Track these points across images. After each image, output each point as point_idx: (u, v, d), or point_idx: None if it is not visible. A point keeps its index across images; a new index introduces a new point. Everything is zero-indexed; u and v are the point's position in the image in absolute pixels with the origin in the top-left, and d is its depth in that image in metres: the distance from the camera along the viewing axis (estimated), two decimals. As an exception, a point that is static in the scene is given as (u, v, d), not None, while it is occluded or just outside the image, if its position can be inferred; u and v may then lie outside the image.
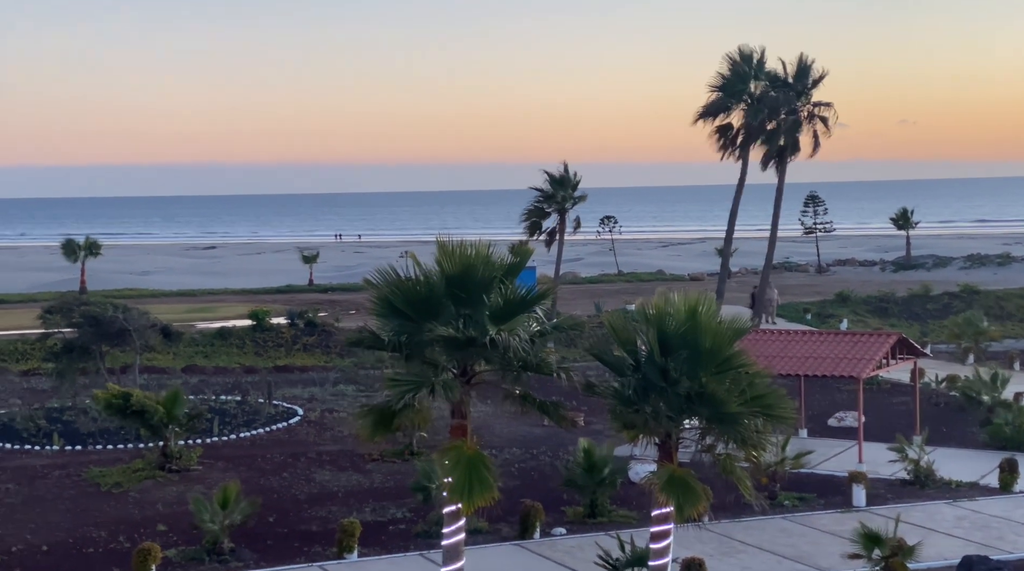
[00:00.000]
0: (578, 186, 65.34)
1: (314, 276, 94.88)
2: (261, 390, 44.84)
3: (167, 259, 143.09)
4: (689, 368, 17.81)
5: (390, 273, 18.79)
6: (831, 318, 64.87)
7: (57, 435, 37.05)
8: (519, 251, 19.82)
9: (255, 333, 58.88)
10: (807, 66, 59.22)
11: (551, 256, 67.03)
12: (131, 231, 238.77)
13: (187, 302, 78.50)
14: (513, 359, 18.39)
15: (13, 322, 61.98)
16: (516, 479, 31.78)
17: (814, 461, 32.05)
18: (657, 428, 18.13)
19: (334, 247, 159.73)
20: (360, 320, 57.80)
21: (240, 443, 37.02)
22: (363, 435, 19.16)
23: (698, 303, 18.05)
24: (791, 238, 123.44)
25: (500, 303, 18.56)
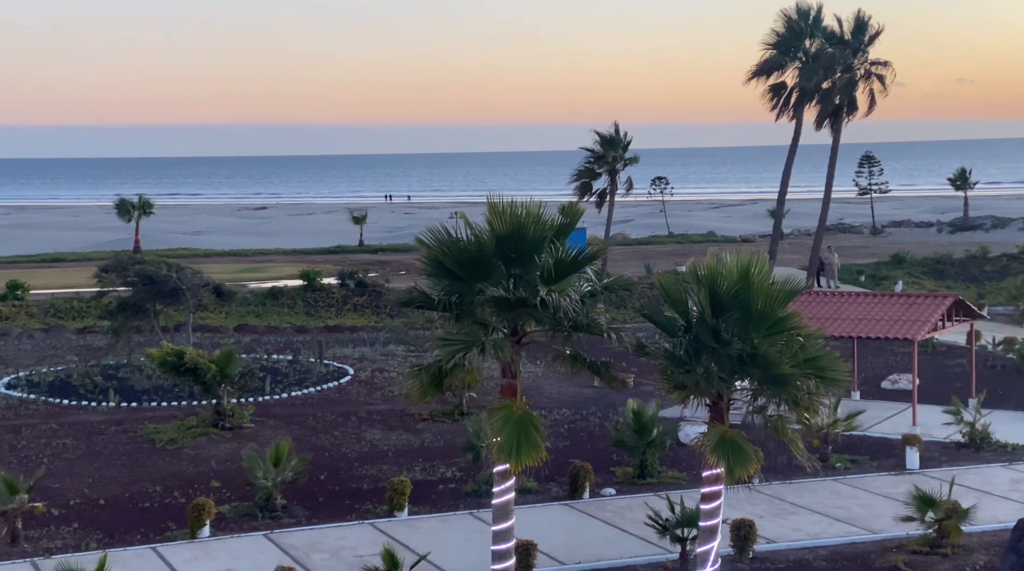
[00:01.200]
0: (629, 147, 64.92)
1: (364, 237, 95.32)
2: (312, 349, 45.25)
3: (219, 219, 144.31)
4: (741, 329, 17.72)
5: (441, 233, 18.80)
6: (886, 280, 64.21)
7: (113, 392, 37.66)
8: (570, 211, 19.71)
9: (306, 293, 59.36)
10: (864, 23, 58.26)
11: (601, 217, 66.82)
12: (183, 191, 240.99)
13: (239, 262, 79.20)
14: (563, 319, 18.38)
15: (69, 280, 62.92)
16: (565, 439, 31.90)
17: (867, 423, 31.86)
18: (708, 389, 18.07)
19: (384, 208, 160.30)
20: (410, 280, 58.05)
21: (291, 402, 37.44)
22: (414, 395, 19.28)
23: (750, 264, 17.91)
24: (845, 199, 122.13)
25: (551, 263, 18.52)
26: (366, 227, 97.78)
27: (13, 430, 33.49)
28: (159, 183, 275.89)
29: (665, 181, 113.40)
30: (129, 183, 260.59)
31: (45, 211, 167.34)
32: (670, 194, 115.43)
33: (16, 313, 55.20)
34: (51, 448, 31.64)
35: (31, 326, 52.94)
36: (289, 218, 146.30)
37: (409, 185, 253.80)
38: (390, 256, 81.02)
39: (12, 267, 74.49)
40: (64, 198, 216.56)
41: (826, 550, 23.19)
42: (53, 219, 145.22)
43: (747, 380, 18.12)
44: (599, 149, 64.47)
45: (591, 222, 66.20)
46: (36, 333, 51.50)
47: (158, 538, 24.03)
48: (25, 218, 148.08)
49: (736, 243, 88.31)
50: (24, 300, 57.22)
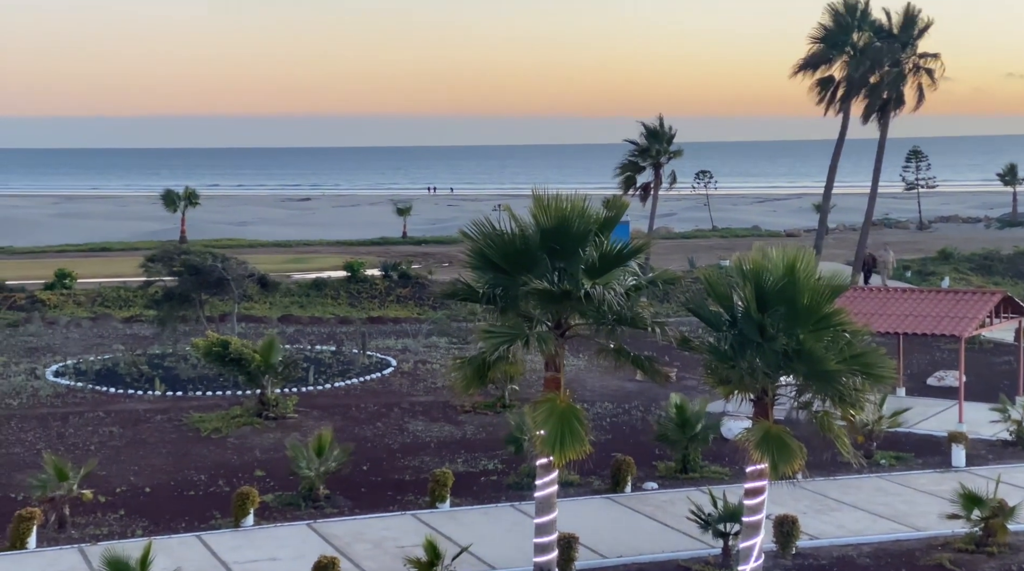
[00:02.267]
0: (673, 140, 64.67)
1: (408, 228, 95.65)
2: (355, 341, 45.47)
3: (264, 210, 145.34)
4: (786, 325, 17.61)
5: (485, 226, 18.85)
6: (932, 276, 63.55)
7: (158, 380, 38.04)
8: (614, 205, 19.77)
9: (350, 284, 59.64)
10: (913, 16, 57.64)
11: (645, 211, 66.62)
12: (228, 182, 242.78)
13: (283, 253, 79.72)
14: (607, 313, 18.38)
15: (116, 270, 63.60)
16: (608, 433, 31.86)
17: (912, 420, 31.59)
18: (753, 384, 17.99)
19: (427, 200, 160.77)
20: (453, 272, 58.11)
21: (335, 392, 37.64)
22: (458, 387, 19.35)
23: (796, 259, 17.80)
24: (892, 194, 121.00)
25: (595, 257, 18.53)
26: (409, 219, 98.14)
27: (61, 418, 33.93)
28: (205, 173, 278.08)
29: (709, 175, 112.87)
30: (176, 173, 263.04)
31: (92, 201, 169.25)
32: (714, 188, 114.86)
33: (64, 302, 55.90)
34: (98, 436, 32.02)
35: (79, 315, 53.58)
36: (333, 209, 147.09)
37: (453, 177, 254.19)
38: (433, 248, 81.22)
39: (61, 256, 75.46)
40: (111, 188, 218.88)
41: (870, 547, 23.02)
42: (100, 209, 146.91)
43: (792, 376, 18.01)
44: (644, 142, 64.30)
45: (634, 215, 66.07)
46: (83, 322, 52.12)
47: (203, 526, 24.25)
48: (73, 208, 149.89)
49: (780, 238, 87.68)
50: (72, 289, 57.93)
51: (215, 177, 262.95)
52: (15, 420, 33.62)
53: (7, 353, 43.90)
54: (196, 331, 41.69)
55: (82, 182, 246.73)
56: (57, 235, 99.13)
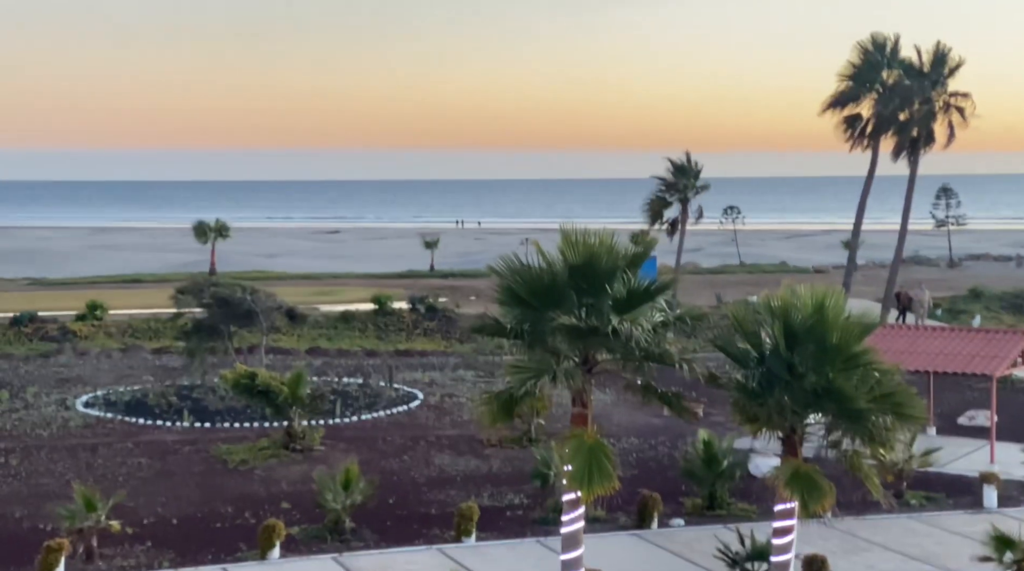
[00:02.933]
0: (700, 175, 64.68)
1: (435, 261, 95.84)
2: (382, 373, 45.52)
3: (293, 242, 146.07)
4: (815, 363, 17.52)
5: (513, 261, 18.89)
6: (963, 314, 63.04)
7: (187, 412, 38.18)
8: (643, 241, 19.88)
9: (377, 317, 59.78)
10: (943, 54, 57.44)
11: (672, 245, 66.51)
12: (258, 214, 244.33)
13: (312, 285, 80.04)
14: (635, 349, 18.34)
15: (147, 301, 63.98)
16: (634, 469, 31.70)
17: (943, 460, 31.24)
18: (781, 422, 17.89)
19: (455, 233, 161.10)
20: (481, 306, 58.20)
21: (361, 425, 37.66)
22: (484, 422, 19.33)
23: (825, 297, 17.74)
24: (922, 231, 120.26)
25: (623, 293, 18.52)
26: (437, 252, 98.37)
27: (90, 448, 34.09)
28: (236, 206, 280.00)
29: (737, 210, 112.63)
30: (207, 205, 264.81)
31: (124, 233, 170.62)
32: (742, 223, 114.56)
33: (95, 333, 56.28)
34: (126, 467, 32.14)
35: (109, 346, 53.93)
36: (361, 242, 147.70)
37: (481, 210, 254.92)
38: (461, 281, 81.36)
39: (92, 287, 76.03)
40: (143, 220, 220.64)
41: (900, 589, 22.72)
42: (132, 240, 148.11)
43: (821, 414, 17.89)
44: (671, 177, 64.33)
45: (662, 250, 65.91)
46: (114, 353, 52.44)
47: (229, 558, 24.25)
48: (105, 239, 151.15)
49: (809, 274, 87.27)
50: (103, 320, 58.34)
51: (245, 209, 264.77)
52: (45, 450, 33.80)
53: (38, 383, 44.21)
54: (225, 363, 41.86)
55: (114, 214, 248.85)
56: (89, 266, 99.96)
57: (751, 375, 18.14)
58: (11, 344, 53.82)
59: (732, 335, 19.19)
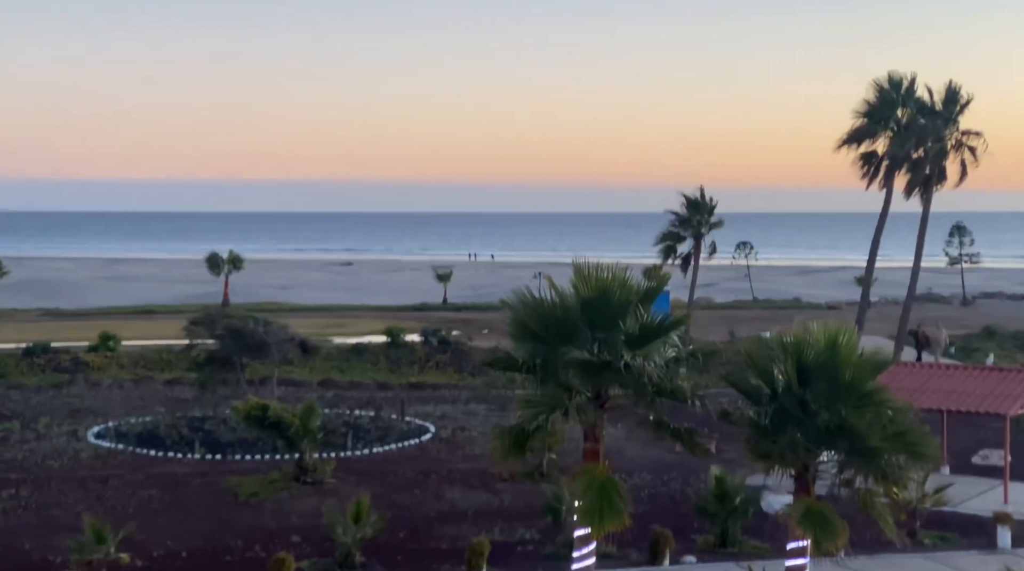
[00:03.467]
0: (714, 210, 64.76)
1: (448, 294, 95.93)
2: (394, 406, 45.49)
3: (305, 274, 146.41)
4: (828, 400, 17.47)
5: (526, 295, 18.92)
6: (976, 352, 62.78)
7: (198, 444, 38.18)
8: (656, 276, 19.90)
9: (390, 349, 59.81)
10: (955, 93, 57.57)
11: (685, 280, 66.48)
12: (272, 246, 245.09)
13: (324, 317, 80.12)
14: (647, 384, 18.31)
15: (160, 332, 64.11)
16: (646, 505, 31.55)
17: (956, 499, 31.04)
18: (794, 459, 17.82)
19: (468, 266, 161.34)
20: (493, 340, 58.21)
21: (373, 458, 37.59)
22: (496, 456, 19.30)
23: (838, 333, 17.72)
24: (935, 269, 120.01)
25: (636, 328, 18.52)
26: (450, 285, 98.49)
27: (101, 480, 34.09)
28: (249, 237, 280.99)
29: (750, 245, 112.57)
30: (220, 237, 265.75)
31: (138, 264, 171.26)
32: (755, 258, 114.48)
33: (108, 364, 56.40)
34: (137, 499, 32.11)
35: (122, 377, 54.03)
36: (375, 274, 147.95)
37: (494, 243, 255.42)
38: (473, 314, 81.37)
39: (106, 318, 76.23)
40: (156, 251, 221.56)
41: (913, 629, 22.53)
42: (146, 272, 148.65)
43: (834, 452, 17.83)
44: (684, 212, 64.40)
45: (675, 285, 65.90)
46: (126, 383, 52.53)
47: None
48: (119, 270, 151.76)
49: (822, 310, 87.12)
50: (116, 351, 58.47)
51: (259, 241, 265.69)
52: (55, 482, 33.81)
53: (50, 414, 44.28)
54: (237, 394, 41.90)
55: (128, 245, 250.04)
56: (103, 297, 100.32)
57: (764, 412, 18.10)
58: (24, 375, 53.96)
59: (745, 371, 19.15)
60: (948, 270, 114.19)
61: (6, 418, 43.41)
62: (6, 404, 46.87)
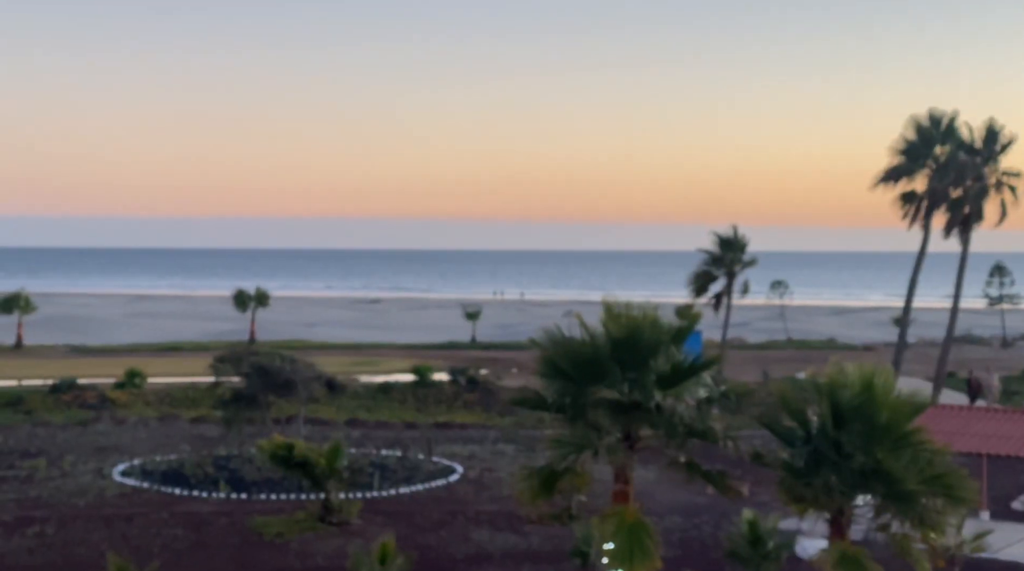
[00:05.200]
0: (747, 249, 64.68)
1: (477, 333, 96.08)
2: (421, 446, 45.51)
3: (333, 312, 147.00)
4: (864, 442, 17.40)
5: (555, 334, 18.99)
6: (1017, 395, 62.21)
7: (223, 482, 38.32)
8: (687, 315, 19.91)
9: (417, 388, 59.91)
10: (996, 132, 57.45)
11: (718, 320, 66.35)
12: (299, 283, 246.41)
13: (351, 355, 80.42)
14: (679, 425, 18.33)
15: (186, 369, 64.61)
16: (677, 549, 31.40)
17: (996, 545, 30.70)
18: (828, 503, 17.73)
19: (497, 304, 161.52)
20: (522, 379, 58.25)
21: (399, 498, 37.60)
22: (524, 497, 19.31)
23: (874, 375, 17.65)
24: (974, 310, 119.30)
25: (667, 368, 18.54)
26: (478, 323, 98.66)
27: (126, 519, 34.26)
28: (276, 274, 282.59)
29: (785, 285, 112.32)
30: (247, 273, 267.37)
31: (164, 300, 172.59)
32: (790, 298, 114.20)
33: (134, 401, 56.80)
34: (161, 538, 32.25)
35: (147, 414, 54.36)
36: (402, 312, 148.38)
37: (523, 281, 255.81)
38: (502, 353, 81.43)
39: (132, 355, 76.87)
40: (183, 288, 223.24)
41: None
42: (172, 308, 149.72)
43: (869, 495, 17.73)
44: (717, 250, 64.35)
45: (707, 325, 65.73)
46: (152, 421, 52.84)
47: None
48: (145, 307, 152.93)
49: (858, 351, 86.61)
50: (142, 388, 58.90)
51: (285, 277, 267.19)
52: (80, 520, 34.02)
53: (75, 451, 44.59)
54: (262, 433, 42.08)
55: (155, 281, 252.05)
56: (129, 334, 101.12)
57: (798, 454, 18.04)
58: (50, 411, 54.40)
59: (778, 412, 19.10)
60: (988, 311, 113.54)
61: (32, 455, 43.75)
62: (32, 441, 47.25)
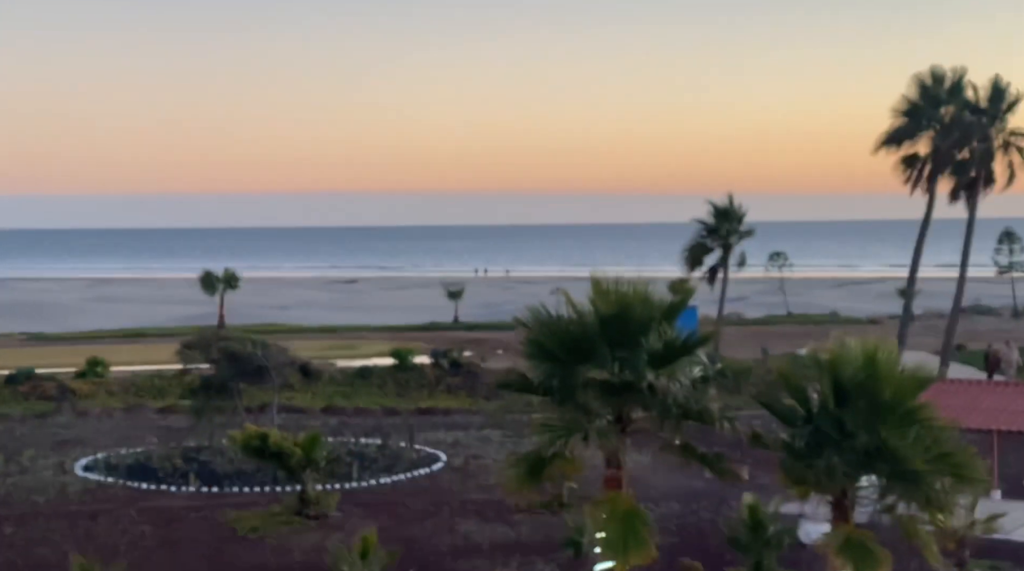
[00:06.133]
0: (744, 219, 64.67)
1: (460, 313, 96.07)
2: (402, 433, 45.58)
3: (307, 293, 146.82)
4: (867, 420, 17.47)
5: (541, 312, 19.00)
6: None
7: (194, 475, 38.33)
8: (680, 289, 19.89)
9: (397, 373, 59.95)
10: (1002, 90, 57.46)
11: (713, 295, 66.46)
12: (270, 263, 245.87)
13: (327, 339, 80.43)
14: (673, 406, 18.38)
15: (151, 357, 64.39)
16: (674, 536, 31.57)
17: (1009, 526, 30.91)
18: (831, 485, 17.81)
19: (480, 282, 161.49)
20: (508, 360, 58.32)
21: (380, 489, 37.68)
22: (511, 485, 19.34)
23: (878, 349, 17.71)
24: (983, 278, 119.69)
25: (660, 346, 18.57)
26: (461, 302, 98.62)
27: (90, 516, 34.25)
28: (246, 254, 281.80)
29: (784, 256, 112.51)
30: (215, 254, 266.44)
31: (127, 284, 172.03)
32: (789, 270, 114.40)
33: (96, 391, 56.66)
34: (128, 535, 32.26)
35: (111, 405, 54.28)
36: (381, 292, 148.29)
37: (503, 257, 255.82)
38: (486, 334, 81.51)
39: (94, 343, 76.62)
40: (146, 270, 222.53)
41: (964, 667, 22.47)
42: (136, 292, 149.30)
43: (874, 476, 17.82)
44: (712, 221, 64.34)
45: (703, 300, 65.87)
46: (116, 412, 52.77)
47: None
48: (106, 291, 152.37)
49: (862, 325, 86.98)
50: (105, 377, 58.74)
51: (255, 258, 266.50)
52: (42, 518, 33.99)
53: (35, 446, 44.49)
54: (234, 423, 42.07)
55: (116, 264, 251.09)
56: (90, 320, 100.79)
57: (798, 434, 18.11)
58: (7, 404, 54.25)
59: (778, 391, 19.17)
60: (997, 280, 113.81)
61: (-12, 451, 43.67)
62: (-12, 436, 47.15)
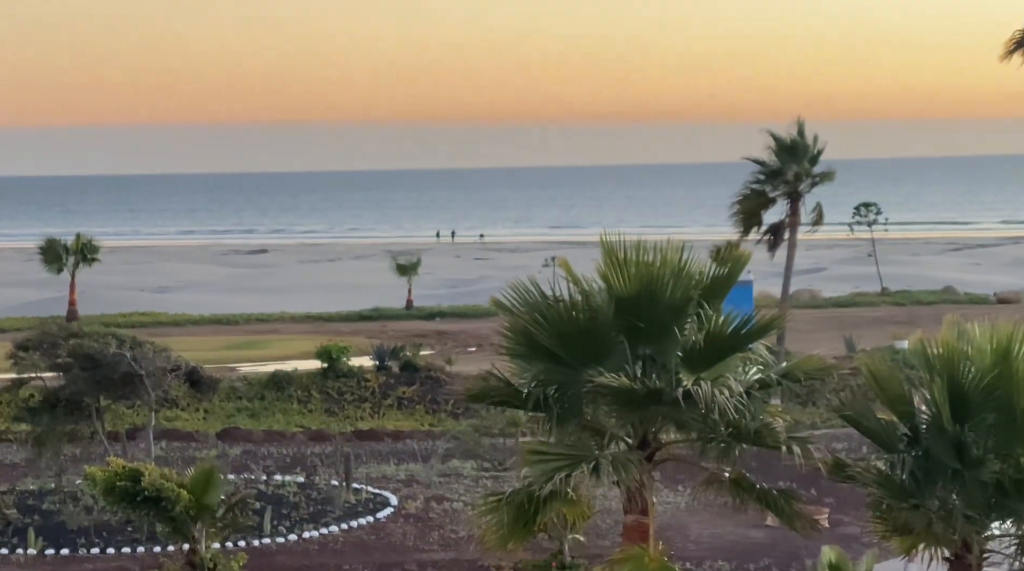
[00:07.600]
0: (819, 157, 64.70)
1: (415, 295, 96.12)
2: (335, 467, 45.58)
3: (195, 268, 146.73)
4: (1000, 442, 17.52)
5: (531, 292, 18.96)
6: None
7: (33, 532, 38.23)
8: (729, 258, 19.76)
9: (326, 380, 59.91)
10: None
11: (776, 265, 66.60)
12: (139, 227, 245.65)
13: (225, 333, 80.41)
14: (719, 423, 18.38)
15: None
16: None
17: None
18: (947, 534, 17.87)
19: (444, 250, 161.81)
20: (485, 362, 58.33)
21: (304, 546, 37.72)
22: (491, 539, 19.32)
23: (1012, 340, 17.74)
24: None
25: (700, 339, 18.57)
26: (417, 280, 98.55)
27: None
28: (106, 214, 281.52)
29: (876, 209, 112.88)
30: (64, 215, 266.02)
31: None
32: (883, 228, 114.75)
33: None
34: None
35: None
36: (301, 266, 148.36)
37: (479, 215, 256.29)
38: (453, 324, 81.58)
39: None
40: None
41: None
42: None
43: (1010, 521, 17.90)
44: (774, 161, 64.32)
45: (761, 272, 66.01)
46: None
47: None
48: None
49: (988, 305, 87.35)
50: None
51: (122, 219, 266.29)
52: None
53: None
54: (92, 455, 41.96)
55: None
56: None
57: (899, 462, 18.15)
58: None
59: (869, 401, 19.20)
60: None
61: None
62: None
